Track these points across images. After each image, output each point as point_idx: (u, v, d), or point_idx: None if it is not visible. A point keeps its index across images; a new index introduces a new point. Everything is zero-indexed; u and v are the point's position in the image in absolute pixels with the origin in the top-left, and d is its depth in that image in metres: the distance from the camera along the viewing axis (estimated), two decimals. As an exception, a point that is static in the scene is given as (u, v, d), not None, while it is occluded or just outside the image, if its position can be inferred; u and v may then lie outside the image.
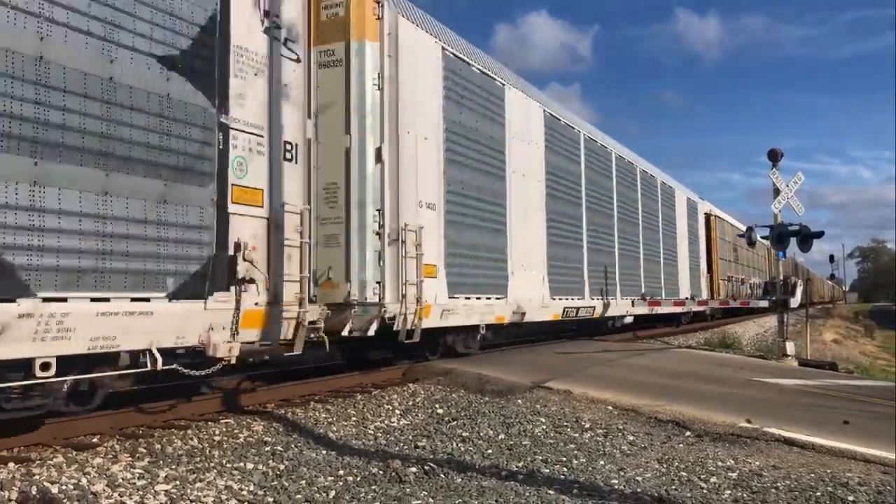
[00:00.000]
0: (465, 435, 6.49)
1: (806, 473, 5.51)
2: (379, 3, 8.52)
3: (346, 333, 8.05)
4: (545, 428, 6.85)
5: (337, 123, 8.31)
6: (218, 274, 6.25)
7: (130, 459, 5.17)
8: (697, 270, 24.13)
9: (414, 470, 5.25)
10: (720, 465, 5.72)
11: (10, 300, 4.72)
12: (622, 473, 5.40)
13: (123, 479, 4.71)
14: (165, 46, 5.89)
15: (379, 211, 8.34)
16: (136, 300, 5.54)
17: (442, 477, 5.15)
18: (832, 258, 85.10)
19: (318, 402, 7.66)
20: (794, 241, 14.64)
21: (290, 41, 7.26)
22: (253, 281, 6.54)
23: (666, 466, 5.64)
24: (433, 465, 5.40)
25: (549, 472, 5.43)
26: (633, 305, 17.05)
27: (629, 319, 17.32)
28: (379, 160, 8.36)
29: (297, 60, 7.37)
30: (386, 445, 6.08)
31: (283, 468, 5.24)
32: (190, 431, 6.08)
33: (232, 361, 6.28)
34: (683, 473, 5.44)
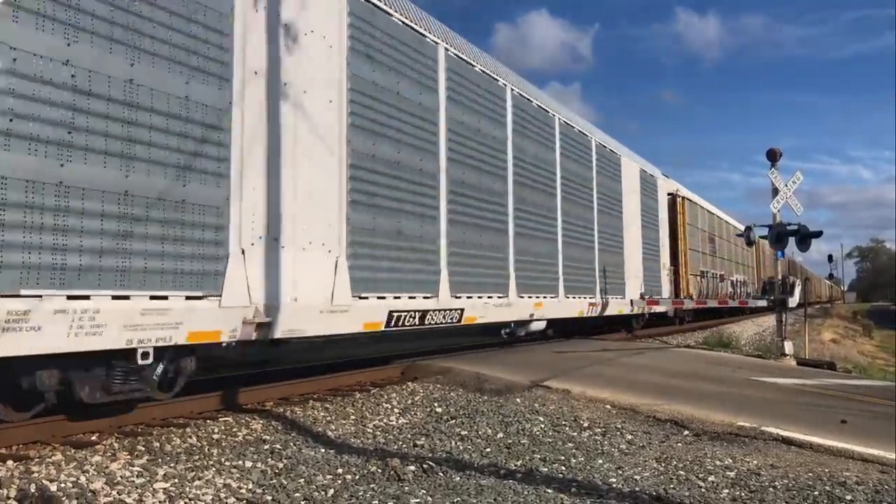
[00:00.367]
0: (463, 434, 6.50)
1: (804, 472, 5.52)
2: None
3: None
4: (544, 427, 6.86)
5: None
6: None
7: (129, 457, 5.17)
8: (656, 262, 19.50)
9: (412, 468, 5.26)
10: (718, 464, 5.72)
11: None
12: (620, 472, 5.40)
13: (122, 477, 4.71)
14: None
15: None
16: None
17: (440, 475, 5.16)
18: (831, 258, 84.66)
19: (316, 400, 7.67)
20: (792, 240, 14.67)
21: None
22: None
23: (664, 465, 5.65)
24: (432, 463, 5.41)
25: (547, 470, 5.43)
26: (541, 307, 12.21)
27: (538, 326, 12.45)
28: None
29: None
30: (385, 444, 6.08)
31: (281, 466, 5.25)
32: (189, 429, 6.08)
33: None
34: (682, 472, 5.45)
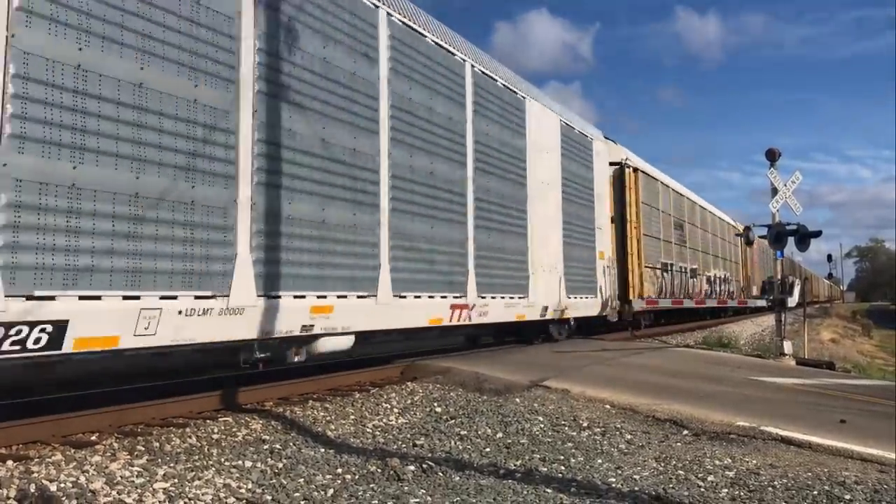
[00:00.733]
0: (463, 433, 6.50)
1: (803, 472, 5.53)
2: None
3: None
4: (543, 427, 6.86)
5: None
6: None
7: (129, 457, 5.17)
8: (589, 250, 14.79)
9: (412, 468, 5.26)
10: (718, 463, 5.73)
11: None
12: (620, 472, 5.41)
13: (122, 477, 4.71)
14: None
15: None
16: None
17: (440, 475, 5.16)
18: (830, 257, 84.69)
19: (316, 400, 7.67)
20: (791, 240, 14.68)
21: None
22: None
23: (663, 465, 5.65)
24: (431, 463, 5.41)
25: (547, 470, 5.44)
26: (330, 312, 7.57)
27: (340, 344, 7.88)
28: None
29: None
30: (384, 444, 6.08)
31: (281, 466, 5.25)
32: (188, 429, 6.08)
33: None
34: (681, 472, 5.45)
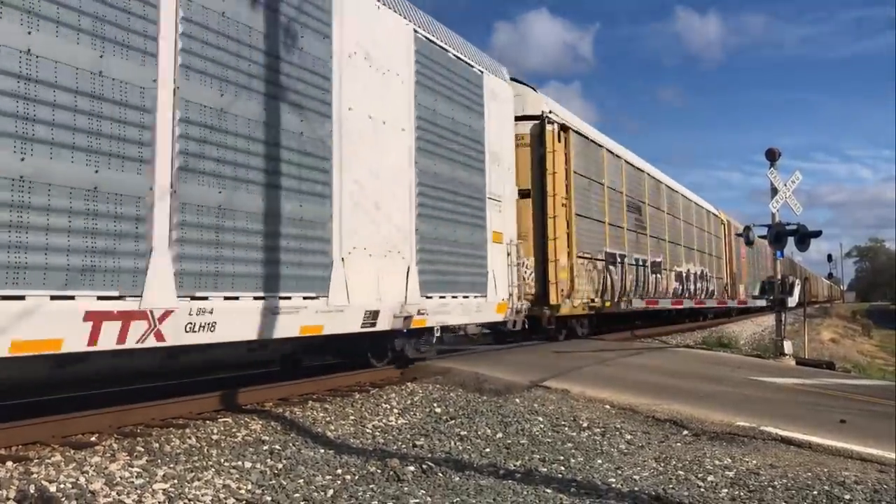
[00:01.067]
0: (463, 434, 6.50)
1: (803, 472, 5.53)
2: None
3: None
4: (543, 427, 6.86)
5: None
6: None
7: (128, 458, 5.17)
8: (478, 230, 10.65)
9: (412, 469, 5.26)
10: (717, 463, 5.73)
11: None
12: (620, 472, 5.40)
13: (121, 477, 4.71)
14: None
15: None
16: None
17: (440, 476, 5.16)
18: (830, 257, 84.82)
19: (315, 401, 7.66)
20: (791, 240, 14.68)
21: None
22: None
23: (663, 465, 5.65)
24: (431, 463, 5.41)
25: (546, 470, 5.44)
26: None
27: None
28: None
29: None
30: (384, 444, 6.08)
31: (281, 467, 5.25)
32: (188, 430, 6.08)
33: None
34: (681, 472, 5.45)
